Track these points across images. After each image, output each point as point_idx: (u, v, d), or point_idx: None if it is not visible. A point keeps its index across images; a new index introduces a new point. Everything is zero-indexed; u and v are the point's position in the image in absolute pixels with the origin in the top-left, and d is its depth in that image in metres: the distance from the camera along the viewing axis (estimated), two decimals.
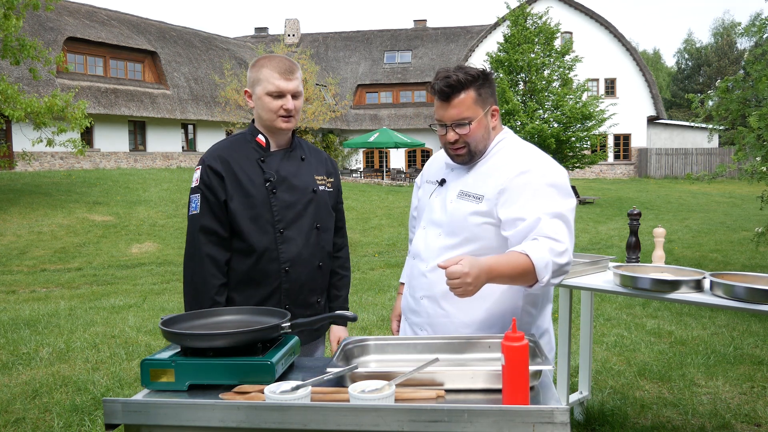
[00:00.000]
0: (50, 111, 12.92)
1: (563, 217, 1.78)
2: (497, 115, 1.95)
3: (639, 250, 3.08)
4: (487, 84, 1.89)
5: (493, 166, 1.91)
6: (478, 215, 1.87)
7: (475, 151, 1.92)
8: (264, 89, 1.99)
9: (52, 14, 21.85)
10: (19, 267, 10.21)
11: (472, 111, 1.87)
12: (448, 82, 1.83)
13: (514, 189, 1.82)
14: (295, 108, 2.03)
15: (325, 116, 26.21)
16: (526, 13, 20.31)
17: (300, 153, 2.15)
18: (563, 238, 1.75)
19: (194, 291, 2.01)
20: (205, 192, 2.01)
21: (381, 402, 1.31)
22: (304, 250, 2.07)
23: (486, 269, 1.63)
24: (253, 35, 38.64)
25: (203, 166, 2.03)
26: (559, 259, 1.72)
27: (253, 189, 2.01)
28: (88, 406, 3.66)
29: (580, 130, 19.22)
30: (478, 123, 1.88)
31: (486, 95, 1.89)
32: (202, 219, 2.00)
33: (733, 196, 21.77)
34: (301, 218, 2.07)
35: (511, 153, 1.93)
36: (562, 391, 3.33)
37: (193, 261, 2.01)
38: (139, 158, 24.52)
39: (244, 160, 2.04)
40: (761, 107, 7.06)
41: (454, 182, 1.98)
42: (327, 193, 2.17)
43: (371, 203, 17.52)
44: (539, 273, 1.70)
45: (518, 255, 1.70)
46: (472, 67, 1.89)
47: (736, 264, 8.75)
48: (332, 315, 1.76)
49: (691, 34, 79.05)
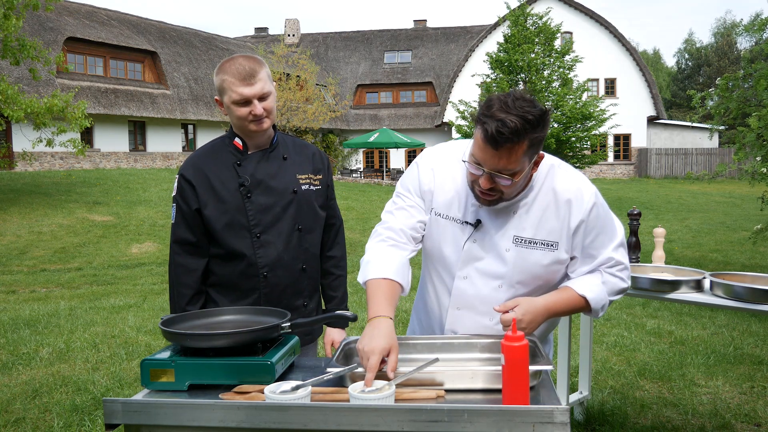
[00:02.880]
0: (50, 111, 12.92)
1: (624, 245, 1.80)
2: (540, 160, 1.68)
3: (639, 250, 3.08)
4: (542, 129, 1.56)
5: (547, 201, 1.73)
6: (557, 264, 1.74)
7: (507, 200, 1.70)
8: (229, 98, 1.94)
9: (52, 14, 21.85)
10: (19, 267, 10.21)
11: (519, 164, 1.58)
12: (503, 130, 1.50)
13: (591, 230, 1.73)
14: (266, 109, 1.96)
15: (325, 116, 26.20)
16: (527, 14, 20.29)
17: (282, 152, 2.09)
18: (626, 273, 1.79)
19: (171, 298, 2.07)
20: (179, 202, 2.03)
21: (381, 402, 1.31)
22: (285, 253, 2.03)
23: (542, 311, 1.66)
24: (253, 35, 38.64)
25: (179, 176, 2.04)
26: (615, 296, 1.79)
27: (227, 194, 1.99)
28: (88, 406, 3.66)
29: (580, 130, 19.21)
30: (521, 176, 1.62)
31: (537, 144, 1.58)
32: (177, 229, 2.03)
33: (733, 196, 21.77)
34: (280, 221, 2.02)
35: (563, 181, 1.74)
36: (562, 391, 3.32)
37: (170, 269, 2.08)
38: (139, 158, 24.52)
39: (220, 165, 2.02)
40: (761, 107, 7.06)
41: (498, 224, 1.74)
42: (312, 192, 2.10)
43: (371, 203, 17.52)
44: (594, 312, 1.75)
45: (576, 297, 1.72)
46: (533, 109, 1.53)
47: (736, 264, 8.75)
48: (332, 315, 1.76)
49: (692, 34, 79.16)
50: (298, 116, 25.14)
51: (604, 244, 1.74)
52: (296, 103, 25.06)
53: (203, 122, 26.85)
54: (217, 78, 1.97)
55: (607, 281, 1.75)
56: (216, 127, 27.11)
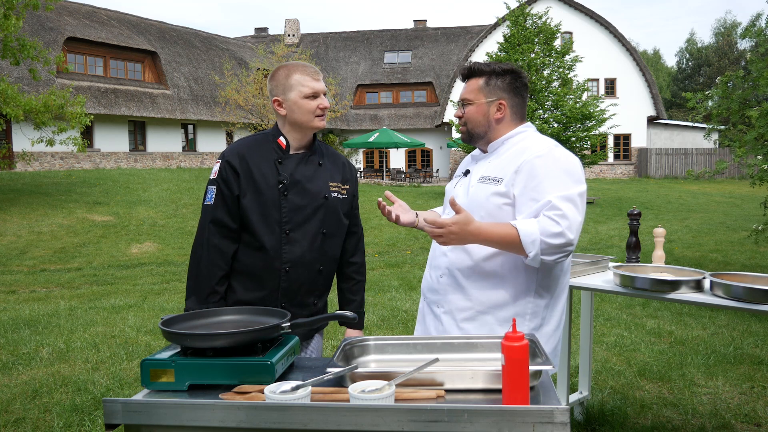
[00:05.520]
0: (47, 108, 12.91)
1: (572, 199, 1.86)
2: (504, 110, 2.06)
3: (639, 250, 3.08)
4: (501, 80, 2.04)
5: (513, 153, 2.02)
6: (497, 196, 1.96)
7: (472, 132, 2.10)
8: (300, 93, 2.08)
9: (52, 14, 21.86)
10: (19, 267, 10.21)
11: (474, 95, 2.06)
12: (467, 66, 2.09)
13: (529, 170, 1.91)
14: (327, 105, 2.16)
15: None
16: (526, 14, 20.29)
17: (318, 158, 2.20)
18: (563, 220, 1.82)
19: (197, 276, 2.10)
20: (221, 185, 2.09)
21: (381, 402, 1.31)
22: (308, 253, 2.13)
23: (474, 230, 1.83)
24: (253, 35, 38.64)
25: (223, 161, 2.11)
26: (550, 239, 1.81)
27: (266, 188, 2.08)
28: (88, 406, 3.66)
29: (580, 130, 19.20)
30: (476, 108, 2.06)
31: (495, 88, 2.05)
32: (216, 211, 2.08)
33: (733, 196, 21.77)
34: (309, 222, 2.12)
35: (530, 141, 2.03)
36: (562, 391, 3.33)
37: (201, 248, 2.10)
38: (139, 158, 24.52)
39: (262, 159, 2.11)
40: (761, 106, 7.05)
41: (476, 170, 2.10)
42: (339, 200, 2.22)
43: (371, 203, 17.52)
44: (526, 247, 1.82)
45: (509, 226, 1.85)
46: (498, 63, 2.08)
47: (736, 264, 8.75)
48: (332, 315, 1.76)
49: (693, 33, 79.13)
50: None
51: (547, 190, 1.87)
52: None
53: (203, 122, 26.85)
54: (281, 78, 2.10)
55: (541, 221, 1.83)
56: (216, 127, 27.11)
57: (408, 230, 13.87)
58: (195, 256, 2.12)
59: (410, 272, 9.08)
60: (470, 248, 2.01)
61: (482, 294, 2.01)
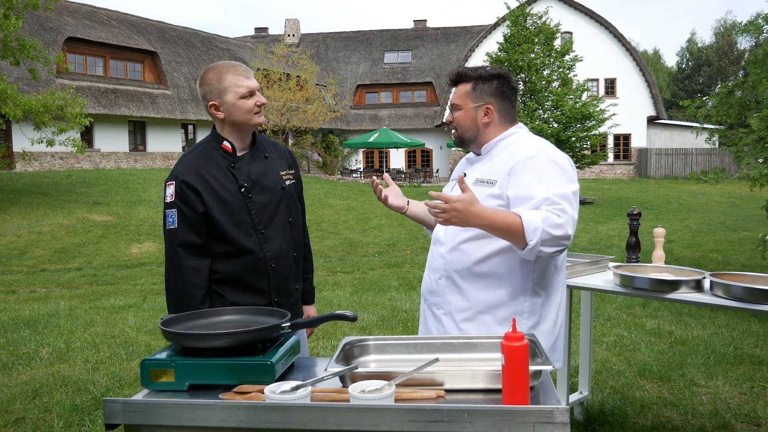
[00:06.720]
0: (46, 108, 12.91)
1: (568, 198, 1.90)
2: (491, 115, 2.09)
3: (639, 250, 3.08)
4: (488, 85, 2.08)
5: (505, 155, 2.05)
6: (492, 198, 1.98)
7: (462, 137, 2.14)
8: (236, 94, 2.07)
9: (52, 14, 21.85)
10: (19, 267, 10.21)
11: (462, 101, 2.10)
12: (455, 72, 2.12)
13: (523, 170, 1.94)
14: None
15: (325, 116, 26.21)
16: (526, 14, 20.29)
17: (263, 152, 2.22)
18: (563, 214, 1.86)
19: (180, 303, 2.05)
20: (181, 207, 2.05)
21: (381, 402, 1.31)
22: (283, 244, 2.19)
23: (477, 211, 1.83)
24: (253, 35, 38.64)
25: (177, 182, 2.06)
26: (552, 230, 1.83)
27: (229, 196, 2.08)
28: (88, 406, 3.66)
29: (579, 130, 19.20)
30: (464, 113, 2.10)
31: (482, 93, 2.08)
32: (181, 234, 2.05)
33: (733, 196, 21.77)
34: (276, 216, 2.17)
35: (522, 142, 2.06)
36: (562, 391, 3.33)
37: (176, 274, 2.06)
38: (139, 158, 24.52)
39: (216, 169, 2.09)
40: (761, 109, 7.04)
41: (471, 174, 2.14)
42: (292, 186, 2.27)
43: (371, 203, 17.52)
44: (527, 235, 1.83)
45: (513, 214, 1.86)
46: (486, 67, 2.11)
47: (736, 264, 8.75)
48: (333, 315, 1.76)
49: (694, 33, 79.14)
50: (298, 116, 25.15)
51: (542, 189, 1.90)
52: (296, 104, 25.07)
53: (203, 122, 26.84)
54: (213, 82, 2.07)
55: (543, 212, 1.86)
56: None
57: (408, 230, 13.87)
58: (171, 283, 2.08)
59: (410, 272, 9.07)
60: (467, 249, 2.03)
61: (480, 294, 2.03)
